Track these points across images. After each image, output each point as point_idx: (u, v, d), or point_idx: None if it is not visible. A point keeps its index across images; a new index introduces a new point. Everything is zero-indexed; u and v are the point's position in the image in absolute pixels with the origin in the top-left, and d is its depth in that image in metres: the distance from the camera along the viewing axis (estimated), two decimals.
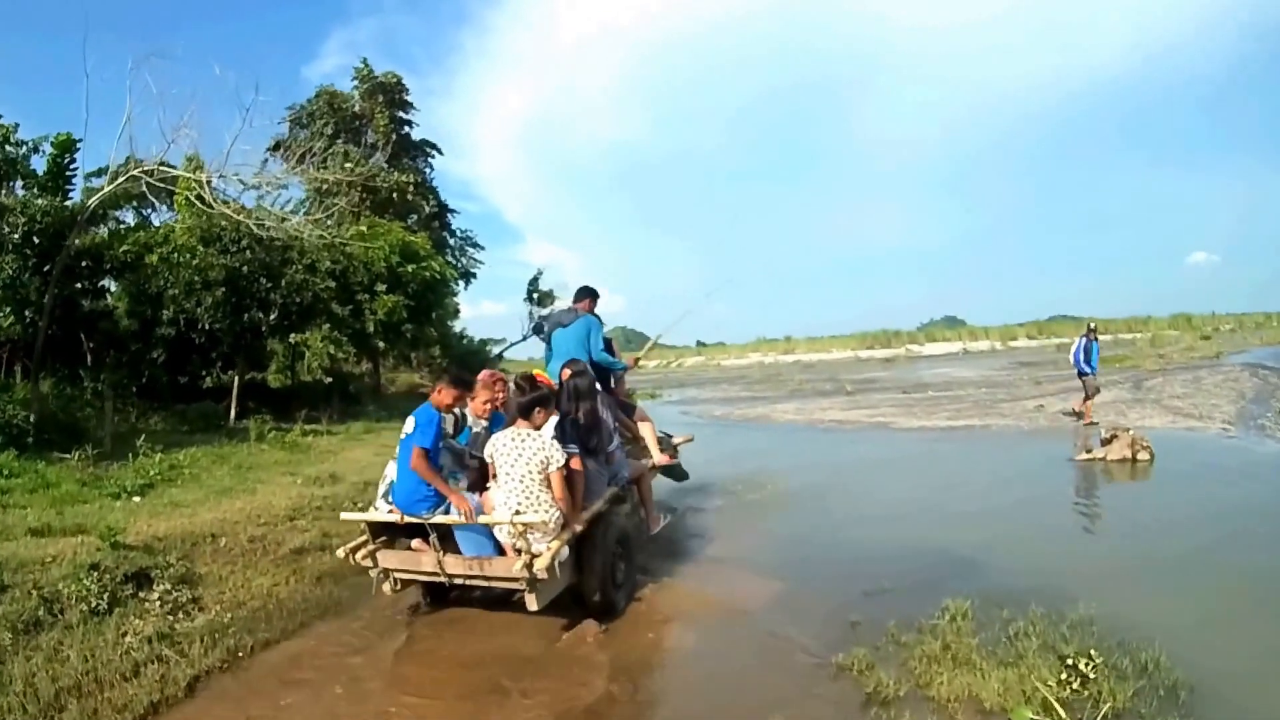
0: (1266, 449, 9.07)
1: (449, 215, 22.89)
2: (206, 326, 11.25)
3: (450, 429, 4.51)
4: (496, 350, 24.44)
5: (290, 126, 21.26)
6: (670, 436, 6.66)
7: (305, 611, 4.55)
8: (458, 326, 26.85)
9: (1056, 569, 4.90)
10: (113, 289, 11.80)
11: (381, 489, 4.42)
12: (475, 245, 23.41)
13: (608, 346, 5.70)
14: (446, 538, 4.16)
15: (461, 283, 23.30)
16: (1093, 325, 12.42)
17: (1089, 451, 8.78)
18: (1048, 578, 4.61)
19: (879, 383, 22.41)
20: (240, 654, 3.93)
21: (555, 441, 4.12)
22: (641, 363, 7.98)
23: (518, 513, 3.92)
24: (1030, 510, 6.72)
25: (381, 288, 13.34)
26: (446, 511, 4.06)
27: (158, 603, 4.25)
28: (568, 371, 4.87)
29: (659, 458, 5.78)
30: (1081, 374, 11.89)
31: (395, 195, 19.61)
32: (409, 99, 22.34)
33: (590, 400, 4.72)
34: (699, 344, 63.78)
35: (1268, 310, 48.95)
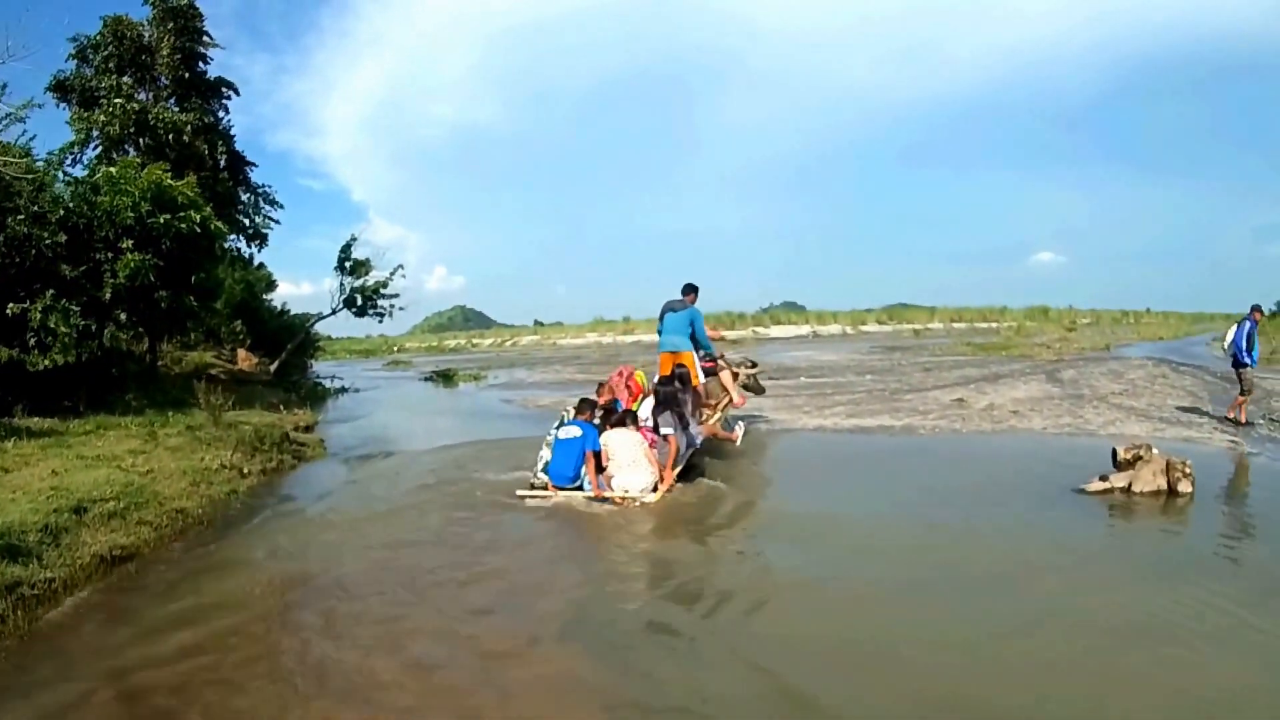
0: None
1: (246, 168, 19.94)
2: None
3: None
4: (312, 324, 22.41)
5: (77, 64, 17.69)
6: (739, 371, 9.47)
7: None
8: (275, 300, 24.20)
9: None
10: None
11: (539, 465, 6.95)
12: (272, 203, 20.49)
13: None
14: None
15: (254, 246, 20.61)
16: (1258, 305, 10.18)
17: (1103, 480, 6.43)
18: None
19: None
20: None
21: (639, 434, 6.72)
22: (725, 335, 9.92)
23: (627, 491, 6.46)
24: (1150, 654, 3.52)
25: (127, 244, 10.54)
26: (580, 487, 6.62)
27: None
28: (670, 366, 7.95)
29: (739, 398, 8.96)
30: (1240, 365, 9.88)
31: (171, 137, 16.65)
32: (205, 29, 19.17)
33: (682, 391, 7.29)
34: (536, 323, 62.44)
35: (1110, 307, 52.24)
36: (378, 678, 3.43)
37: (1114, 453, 6.63)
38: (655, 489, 6.50)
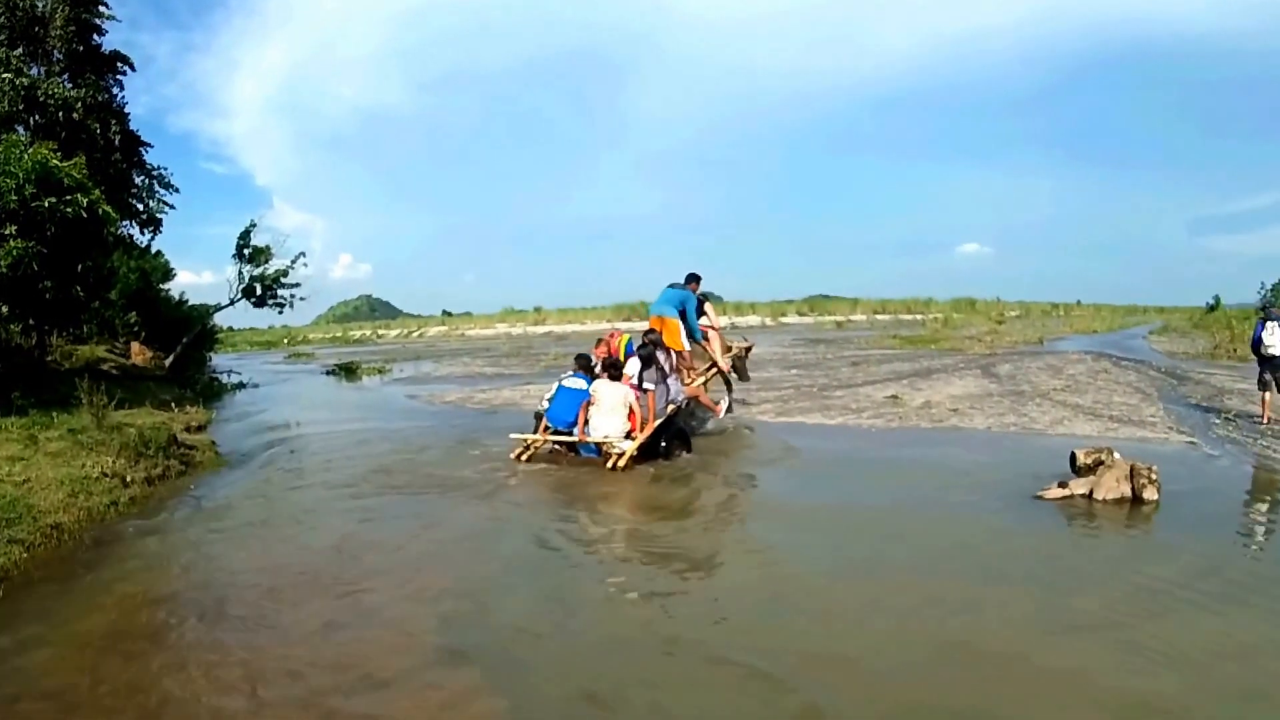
0: None
1: (141, 149, 19.17)
2: None
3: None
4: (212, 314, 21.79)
5: None
6: (732, 345, 10.70)
7: None
8: (174, 291, 23.34)
9: None
10: None
11: (540, 409, 8.62)
12: (168, 186, 19.75)
13: (700, 306, 9.85)
14: (572, 447, 8.30)
15: (148, 231, 19.82)
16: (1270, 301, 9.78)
17: (1063, 486, 6.12)
18: None
19: None
20: None
21: (629, 387, 8.10)
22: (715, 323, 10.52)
23: (606, 436, 7.91)
24: None
25: (11, 229, 10.00)
26: (570, 432, 8.14)
27: None
28: (652, 332, 9.10)
29: (724, 364, 10.06)
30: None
31: (62, 115, 15.95)
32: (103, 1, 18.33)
33: (658, 353, 8.67)
34: (445, 313, 61.75)
35: (1039, 299, 52.72)
36: None
37: (1073, 456, 6.35)
38: (630, 437, 7.85)
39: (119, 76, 19.01)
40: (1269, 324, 9.79)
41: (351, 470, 8.25)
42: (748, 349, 11.29)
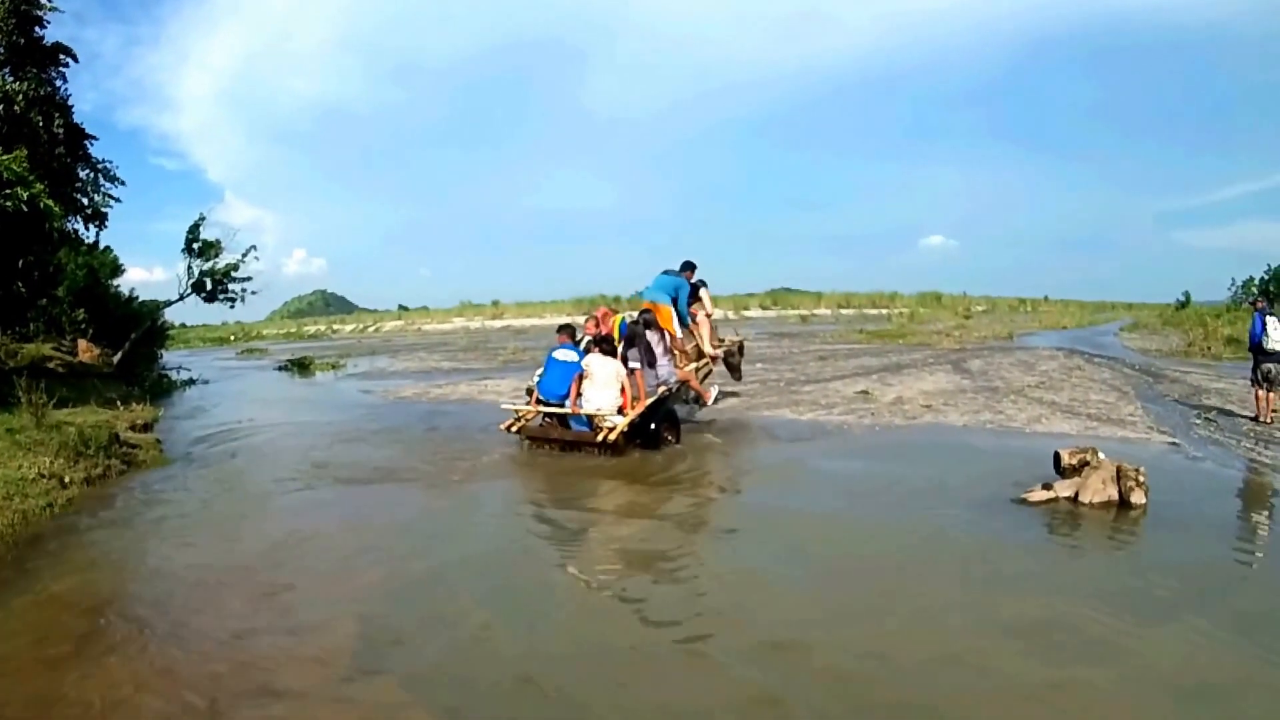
0: None
1: (86, 142, 18.88)
2: None
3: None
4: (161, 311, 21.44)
5: None
6: (724, 340, 11.20)
7: None
8: (124, 287, 23.03)
9: None
10: None
11: (531, 384, 8.84)
12: (113, 179, 19.45)
13: (694, 292, 10.16)
14: (564, 419, 8.40)
15: (93, 226, 19.51)
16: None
17: (1047, 488, 5.97)
18: None
19: None
20: None
21: (620, 363, 8.29)
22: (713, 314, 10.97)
23: (599, 409, 8.04)
24: None
25: None
26: (562, 404, 8.34)
27: None
28: (647, 313, 9.24)
29: (710, 350, 10.42)
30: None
31: (3, 109, 15.71)
32: None
33: (649, 332, 8.87)
34: (401, 308, 61.28)
35: (1006, 294, 51.38)
36: None
37: (1057, 456, 6.17)
38: (621, 412, 8.10)
39: (62, 69, 18.71)
40: (1269, 319, 9.59)
41: (296, 467, 8.34)
42: (740, 344, 11.50)
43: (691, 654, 3.78)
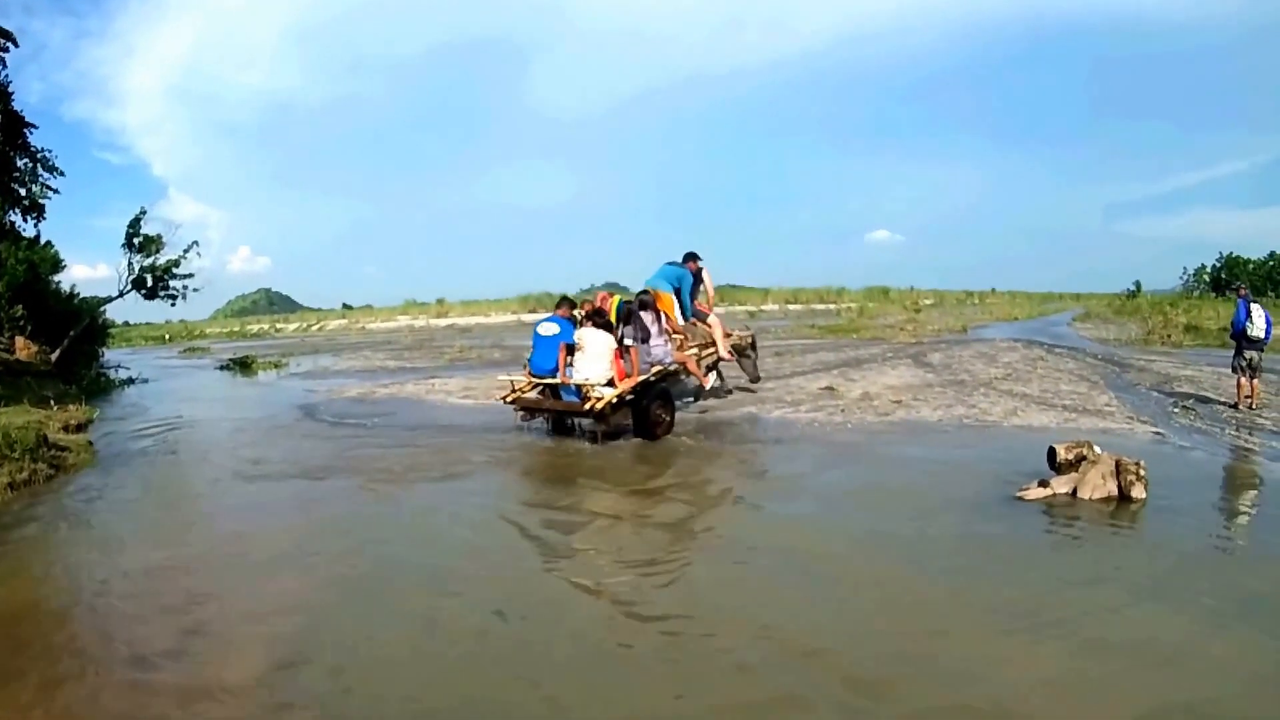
0: None
1: (25, 130, 18.38)
2: None
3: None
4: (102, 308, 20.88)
5: None
6: (732, 333, 11.06)
7: None
8: (67, 283, 22.08)
9: None
10: None
11: (526, 360, 9.12)
12: (52, 169, 18.82)
13: (697, 278, 10.17)
14: (555, 390, 8.53)
15: (31, 219, 18.96)
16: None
17: (1044, 485, 5.77)
18: None
19: None
20: None
21: (612, 337, 8.38)
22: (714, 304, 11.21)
23: (588, 379, 8.20)
24: None
25: None
26: (553, 377, 8.42)
27: None
28: (645, 294, 9.17)
29: (724, 349, 10.38)
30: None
31: None
32: None
33: (644, 311, 8.73)
34: (345, 306, 60.47)
35: (953, 287, 52.29)
36: None
37: (1052, 452, 5.96)
38: (611, 384, 8.22)
39: (1, 54, 18.22)
40: (1253, 306, 9.53)
41: (231, 468, 8.13)
42: (753, 338, 11.32)
43: (667, 660, 3.62)
